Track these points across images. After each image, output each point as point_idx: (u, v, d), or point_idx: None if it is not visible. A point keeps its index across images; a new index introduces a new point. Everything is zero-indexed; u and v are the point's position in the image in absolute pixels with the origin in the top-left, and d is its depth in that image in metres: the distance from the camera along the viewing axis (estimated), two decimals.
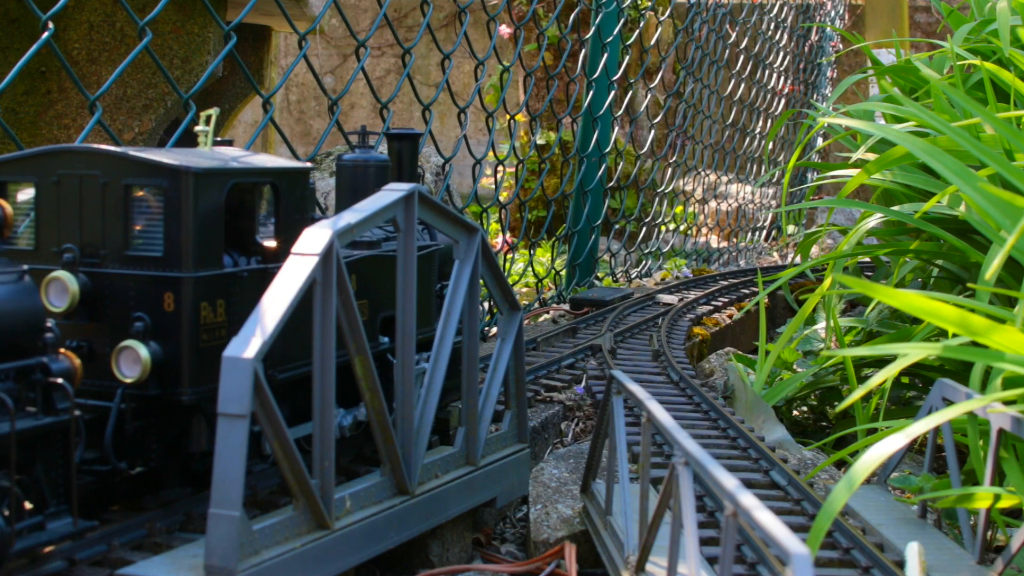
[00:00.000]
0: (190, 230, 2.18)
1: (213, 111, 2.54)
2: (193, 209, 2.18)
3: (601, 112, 6.68)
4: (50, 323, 2.00)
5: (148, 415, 2.16)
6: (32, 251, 2.28)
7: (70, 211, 2.26)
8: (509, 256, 6.10)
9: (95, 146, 2.30)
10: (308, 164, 2.56)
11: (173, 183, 2.18)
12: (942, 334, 3.63)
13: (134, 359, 2.14)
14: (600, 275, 7.09)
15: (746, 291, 6.71)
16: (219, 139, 2.53)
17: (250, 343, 1.94)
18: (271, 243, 2.39)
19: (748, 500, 1.67)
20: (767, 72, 10.45)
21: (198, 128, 2.49)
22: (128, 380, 2.14)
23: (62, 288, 2.18)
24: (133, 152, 2.25)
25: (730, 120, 9.55)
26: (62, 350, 2.01)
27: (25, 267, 2.02)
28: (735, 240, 9.74)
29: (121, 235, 2.21)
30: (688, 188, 9.19)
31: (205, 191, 2.21)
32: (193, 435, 2.27)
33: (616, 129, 7.15)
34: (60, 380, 1.94)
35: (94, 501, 2.17)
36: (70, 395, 1.95)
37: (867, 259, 5.59)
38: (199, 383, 2.19)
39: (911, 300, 2.80)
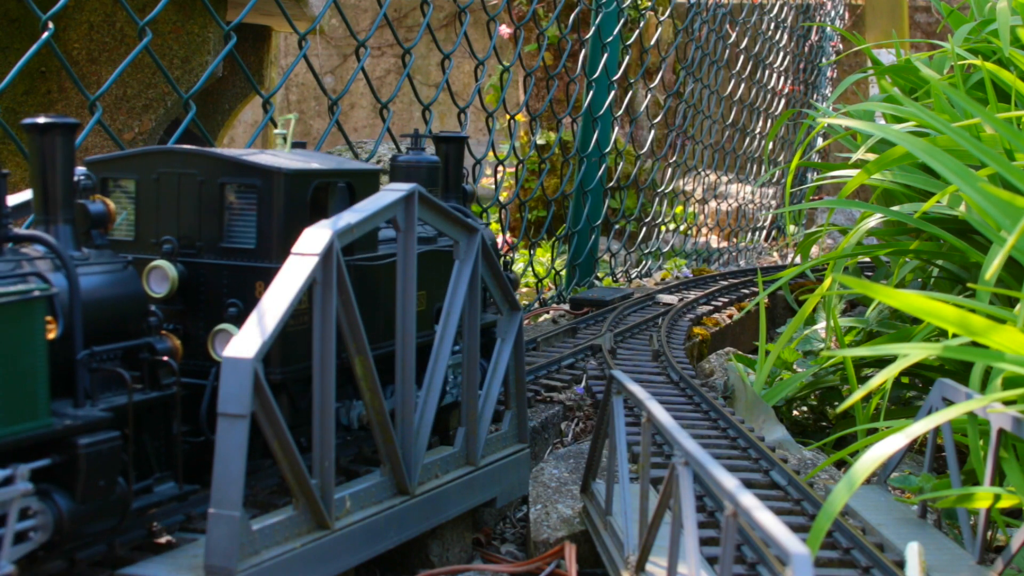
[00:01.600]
0: (280, 224, 2.38)
1: (292, 116, 2.73)
2: (283, 206, 2.39)
3: (601, 112, 6.68)
4: (152, 307, 2.21)
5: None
6: (131, 242, 2.47)
7: (169, 206, 2.46)
8: (509, 256, 6.10)
9: (193, 147, 2.53)
10: (379, 166, 2.80)
11: (266, 182, 2.39)
12: (942, 334, 3.63)
13: (163, 276, 2.35)
14: (600, 275, 7.09)
15: (746, 291, 6.71)
16: (295, 141, 2.74)
17: (250, 343, 1.94)
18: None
19: (748, 500, 1.67)
20: (767, 72, 10.45)
21: (276, 131, 2.69)
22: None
23: (162, 276, 2.36)
24: (228, 153, 2.47)
25: (730, 120, 9.55)
26: (163, 332, 2.20)
27: (129, 257, 2.21)
28: (735, 240, 9.74)
29: (216, 228, 2.40)
30: (688, 188, 9.19)
31: (293, 190, 2.41)
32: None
33: (616, 129, 7.15)
34: (165, 358, 2.14)
35: (189, 468, 2.29)
36: (175, 372, 2.15)
37: (867, 259, 5.59)
38: (286, 363, 2.36)
39: (911, 300, 2.80)
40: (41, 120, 2.08)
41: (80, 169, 2.36)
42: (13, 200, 2.41)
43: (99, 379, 2.05)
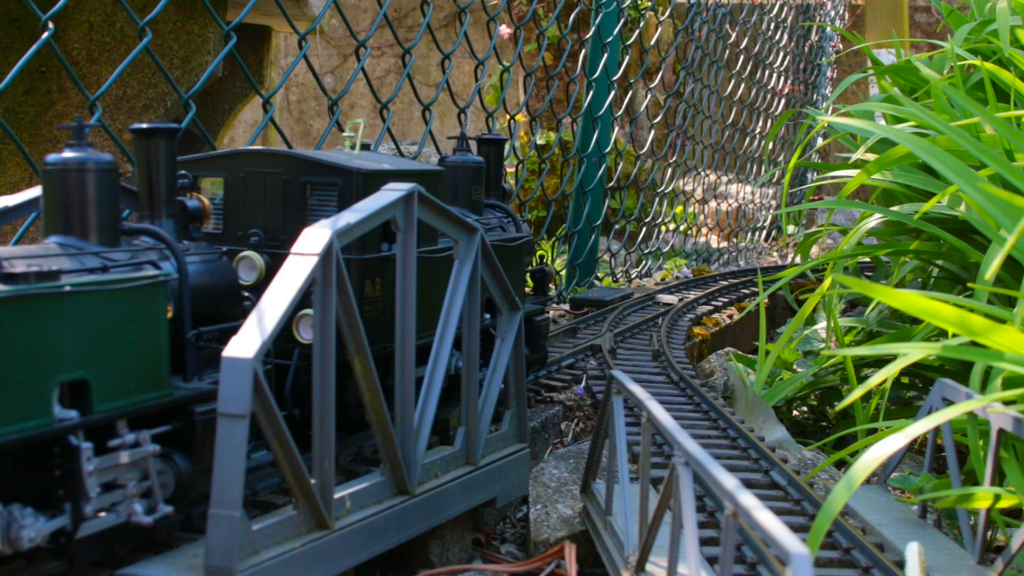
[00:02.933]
0: None
1: (360, 120, 2.99)
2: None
3: (601, 112, 6.68)
4: (245, 293, 2.44)
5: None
6: (219, 234, 2.70)
7: (255, 202, 2.70)
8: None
9: (278, 149, 2.81)
10: (440, 167, 3.08)
11: (346, 181, 2.64)
12: (942, 334, 3.63)
13: (250, 266, 2.62)
14: (600, 275, 7.09)
15: (746, 291, 6.71)
16: (364, 142, 2.98)
17: (250, 343, 1.94)
18: None
19: (748, 500, 1.67)
20: (767, 72, 10.45)
21: (345, 135, 2.95)
22: (305, 342, 2.52)
23: (251, 265, 2.61)
24: (310, 155, 2.72)
25: (730, 120, 9.55)
26: None
27: (224, 248, 2.42)
28: (735, 240, 9.74)
29: (299, 222, 2.56)
30: (688, 188, 9.19)
31: (369, 188, 2.60)
32: (350, 389, 2.51)
33: (616, 129, 7.15)
34: None
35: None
36: (270, 352, 2.31)
37: (867, 259, 5.59)
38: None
39: (911, 300, 2.80)
40: (146, 125, 2.31)
41: None
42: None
43: (204, 357, 2.25)
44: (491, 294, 2.80)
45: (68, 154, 2.13)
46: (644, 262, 7.67)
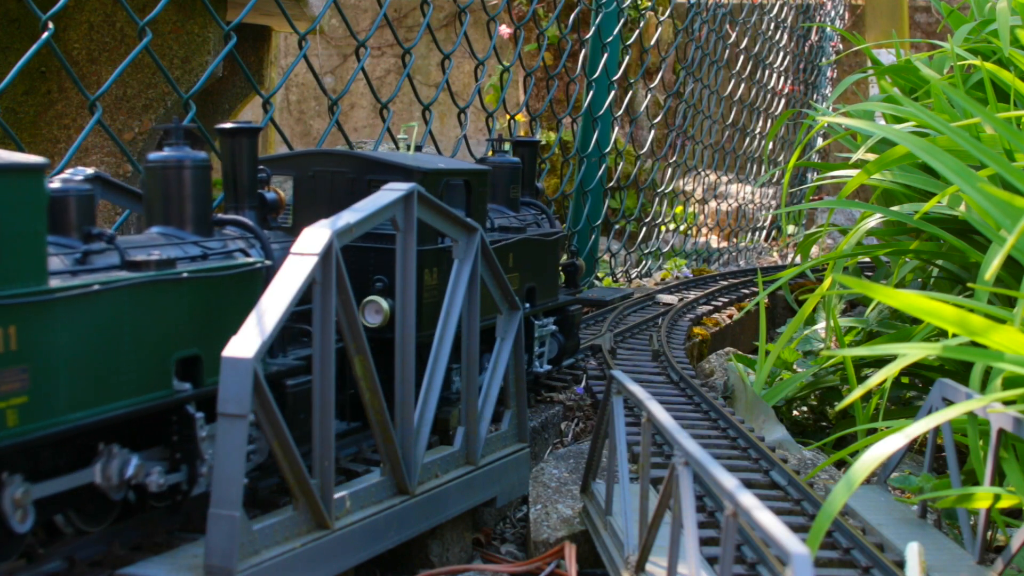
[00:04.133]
0: None
1: (414, 124, 3.28)
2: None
3: (601, 112, 6.68)
4: None
5: (384, 352, 2.56)
6: (288, 228, 2.89)
7: (322, 198, 2.94)
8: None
9: (345, 149, 3.08)
10: (487, 167, 3.31)
11: (407, 179, 2.78)
12: (942, 334, 3.63)
13: (377, 310, 2.83)
14: (600, 275, 7.09)
15: (746, 291, 6.71)
16: (418, 145, 3.27)
17: (250, 343, 1.94)
18: None
19: (748, 500, 1.67)
20: (767, 72, 10.45)
21: (400, 136, 3.22)
22: (372, 326, 2.79)
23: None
24: (374, 155, 2.98)
25: (730, 120, 9.54)
26: None
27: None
28: (735, 240, 9.74)
29: None
30: (688, 188, 9.18)
31: (428, 186, 2.82)
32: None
33: (616, 129, 7.15)
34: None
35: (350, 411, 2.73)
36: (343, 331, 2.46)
37: (867, 259, 5.59)
38: (422, 329, 2.69)
39: (910, 300, 2.80)
40: (230, 125, 2.53)
41: None
42: None
43: (286, 336, 2.47)
44: (491, 294, 2.80)
45: (167, 153, 2.33)
46: (644, 262, 7.67)
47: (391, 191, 2.41)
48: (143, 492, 2.08)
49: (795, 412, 4.68)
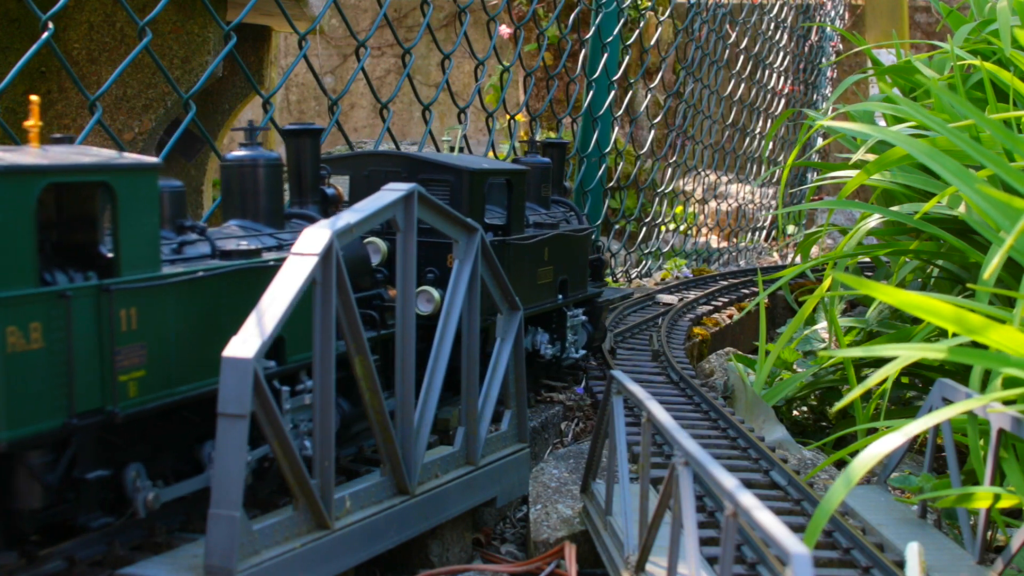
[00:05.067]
0: (465, 211, 3.09)
1: (458, 127, 3.62)
2: (468, 197, 3.15)
3: (601, 112, 6.68)
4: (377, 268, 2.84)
5: (431, 339, 2.70)
6: None
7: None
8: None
9: (398, 150, 3.32)
10: (526, 167, 3.56)
11: (457, 179, 3.13)
12: (942, 334, 3.63)
13: (428, 299, 3.04)
14: None
15: (746, 291, 6.71)
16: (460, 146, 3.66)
17: (250, 343, 1.94)
18: (498, 222, 3.43)
19: (748, 500, 1.68)
20: (767, 72, 10.44)
21: (444, 139, 3.43)
22: (423, 313, 2.99)
23: (376, 248, 2.95)
24: (424, 156, 3.22)
25: (730, 120, 9.54)
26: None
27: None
28: (735, 240, 9.74)
29: None
30: (688, 188, 9.18)
31: (474, 184, 3.16)
32: (456, 356, 2.91)
33: (616, 129, 7.15)
34: (390, 304, 2.77)
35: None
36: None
37: (867, 259, 5.59)
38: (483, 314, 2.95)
39: (909, 299, 2.80)
40: (296, 127, 2.74)
41: None
42: None
43: None
44: (491, 294, 2.80)
45: (242, 152, 2.53)
46: (644, 262, 7.67)
47: (391, 191, 2.41)
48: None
49: (795, 412, 4.68)
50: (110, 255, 2.00)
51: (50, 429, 1.87)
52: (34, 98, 2.05)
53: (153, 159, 2.08)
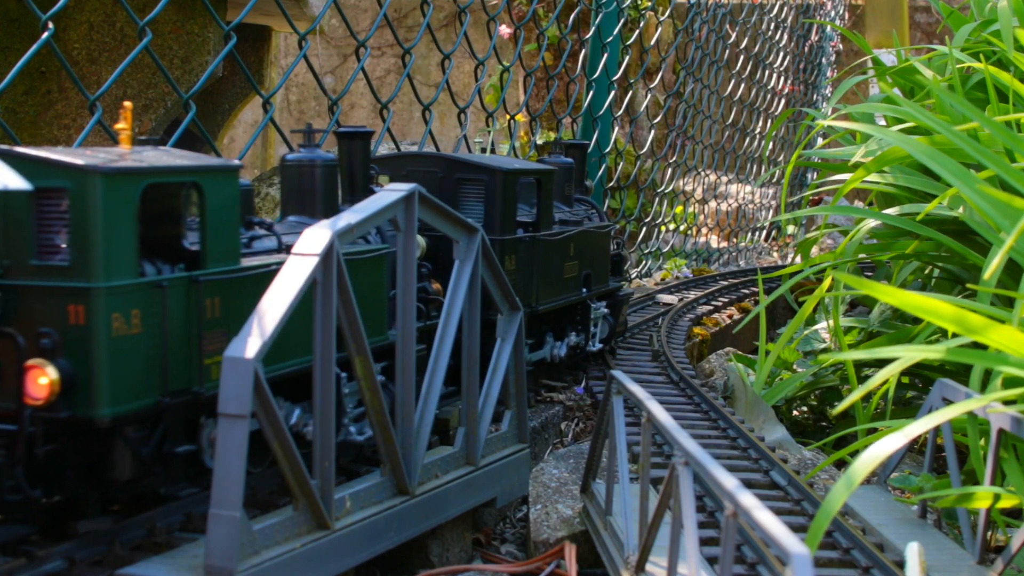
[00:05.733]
0: (499, 208, 3.36)
1: (490, 129, 3.75)
2: (501, 195, 3.38)
3: (601, 112, 6.68)
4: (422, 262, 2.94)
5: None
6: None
7: None
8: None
9: (435, 152, 3.57)
10: (554, 167, 3.77)
11: (491, 178, 3.36)
12: (943, 334, 3.63)
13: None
14: None
15: (746, 291, 6.71)
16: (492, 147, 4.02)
17: (250, 344, 1.94)
18: (528, 220, 3.63)
19: (748, 500, 1.68)
20: (767, 72, 10.44)
21: (476, 140, 3.63)
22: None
23: (416, 243, 3.03)
24: (461, 156, 3.45)
25: (730, 120, 9.54)
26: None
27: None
28: (735, 240, 9.73)
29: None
30: (688, 188, 9.18)
31: (507, 183, 3.40)
32: (489, 344, 3.10)
33: (616, 129, 7.15)
34: (435, 297, 2.95)
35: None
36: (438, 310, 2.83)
37: (867, 260, 5.59)
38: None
39: (911, 299, 2.80)
40: (349, 129, 2.92)
41: None
42: None
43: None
44: (491, 294, 2.80)
45: (301, 153, 2.70)
46: (644, 262, 7.67)
47: (392, 191, 2.41)
48: (300, 439, 2.31)
49: (795, 412, 4.68)
50: (194, 248, 2.16)
51: (145, 406, 2.05)
52: (127, 104, 2.22)
53: (235, 162, 2.27)
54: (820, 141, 9.76)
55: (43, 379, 1.96)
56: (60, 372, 1.96)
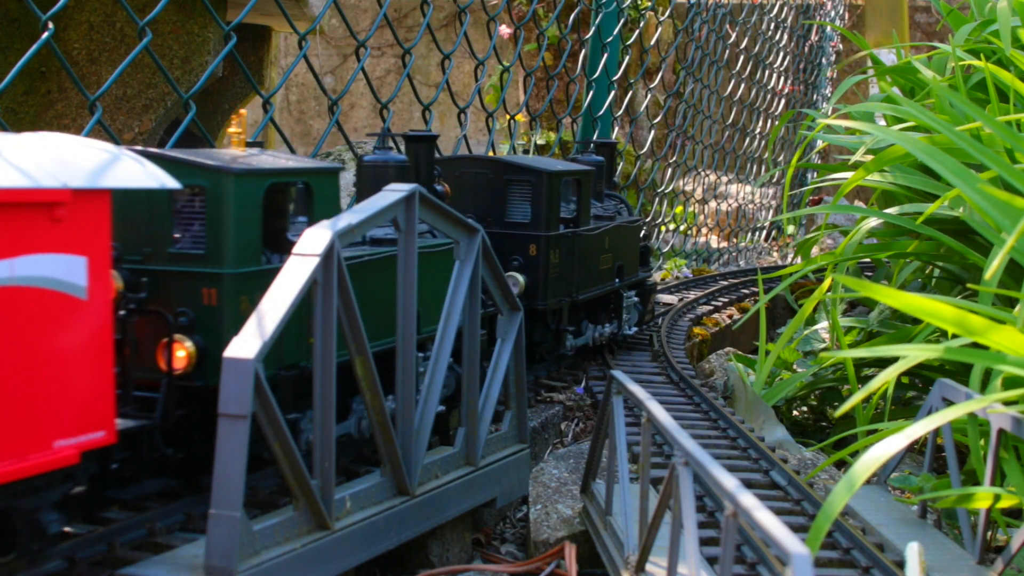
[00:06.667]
0: (545, 207, 3.72)
1: (534, 131, 3.81)
2: (547, 195, 3.71)
3: (601, 112, 6.67)
4: None
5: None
6: None
7: (468, 194, 3.72)
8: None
9: (487, 155, 3.96)
10: (593, 168, 4.13)
11: (538, 179, 3.71)
12: (942, 334, 3.63)
13: (514, 283, 3.64)
14: None
15: (746, 291, 6.70)
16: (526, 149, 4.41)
17: (251, 344, 1.94)
18: (568, 216, 3.94)
19: (748, 500, 1.68)
20: (767, 72, 10.44)
21: (520, 143, 3.83)
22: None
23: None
24: (509, 159, 3.79)
25: (730, 120, 9.54)
26: None
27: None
28: (735, 240, 9.73)
29: (502, 209, 3.75)
30: (688, 188, 9.18)
31: (552, 184, 3.73)
32: (537, 331, 3.83)
33: (616, 129, 7.14)
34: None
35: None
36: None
37: (867, 259, 5.58)
38: (547, 298, 3.75)
39: (910, 300, 2.80)
40: (416, 133, 3.23)
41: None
42: None
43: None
44: (491, 294, 2.80)
45: (377, 155, 3.00)
46: None
47: (392, 191, 2.41)
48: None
49: (795, 412, 4.68)
50: (295, 240, 2.27)
51: (266, 378, 2.16)
52: (243, 112, 2.52)
53: (336, 164, 2.57)
54: (820, 142, 9.75)
55: (181, 352, 2.23)
56: (196, 346, 2.24)
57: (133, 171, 2.02)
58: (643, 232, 4.86)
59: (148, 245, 2.30)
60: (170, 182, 2.05)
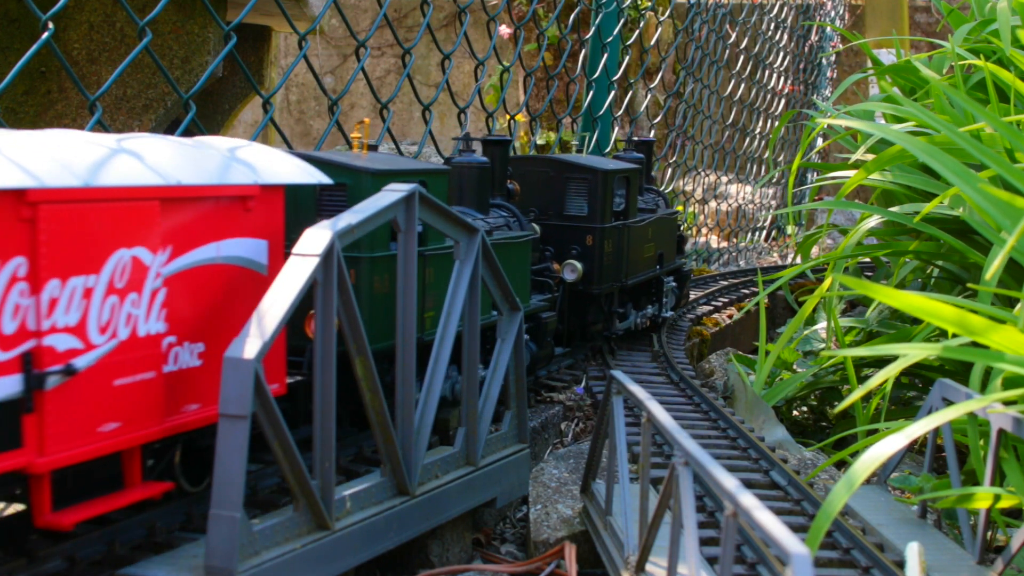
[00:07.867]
0: (600, 202, 4.14)
1: (586, 133, 4.39)
2: (602, 191, 4.13)
3: (601, 112, 6.67)
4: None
5: (579, 299, 4.19)
6: None
7: (531, 191, 4.07)
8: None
9: (547, 155, 4.37)
10: (640, 166, 4.64)
11: (594, 177, 4.14)
12: (942, 334, 3.63)
13: (572, 269, 4.08)
14: None
15: (746, 291, 6.70)
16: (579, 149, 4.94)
17: (251, 344, 1.94)
18: (618, 209, 4.34)
19: (748, 500, 1.68)
20: (767, 72, 10.44)
21: (573, 143, 4.25)
22: (570, 280, 4.08)
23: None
24: (568, 158, 4.23)
25: (730, 120, 9.54)
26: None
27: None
28: (735, 240, 9.73)
29: (561, 204, 4.17)
30: (688, 188, 9.18)
31: (608, 181, 4.16)
32: (591, 313, 4.25)
33: (616, 129, 7.14)
34: (556, 275, 3.88)
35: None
36: (558, 285, 3.90)
37: (867, 259, 5.58)
38: (601, 283, 4.19)
39: (910, 300, 2.80)
40: (492, 138, 3.66)
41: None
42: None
43: (533, 284, 3.65)
44: (492, 295, 2.80)
45: (463, 157, 3.41)
46: None
47: (392, 192, 2.41)
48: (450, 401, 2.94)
49: (795, 412, 4.68)
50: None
51: (388, 347, 2.54)
52: (366, 121, 2.90)
53: (445, 167, 2.98)
54: (820, 142, 9.76)
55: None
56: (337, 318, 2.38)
57: (299, 169, 2.37)
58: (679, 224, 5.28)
59: (295, 233, 2.41)
60: (326, 180, 2.41)
